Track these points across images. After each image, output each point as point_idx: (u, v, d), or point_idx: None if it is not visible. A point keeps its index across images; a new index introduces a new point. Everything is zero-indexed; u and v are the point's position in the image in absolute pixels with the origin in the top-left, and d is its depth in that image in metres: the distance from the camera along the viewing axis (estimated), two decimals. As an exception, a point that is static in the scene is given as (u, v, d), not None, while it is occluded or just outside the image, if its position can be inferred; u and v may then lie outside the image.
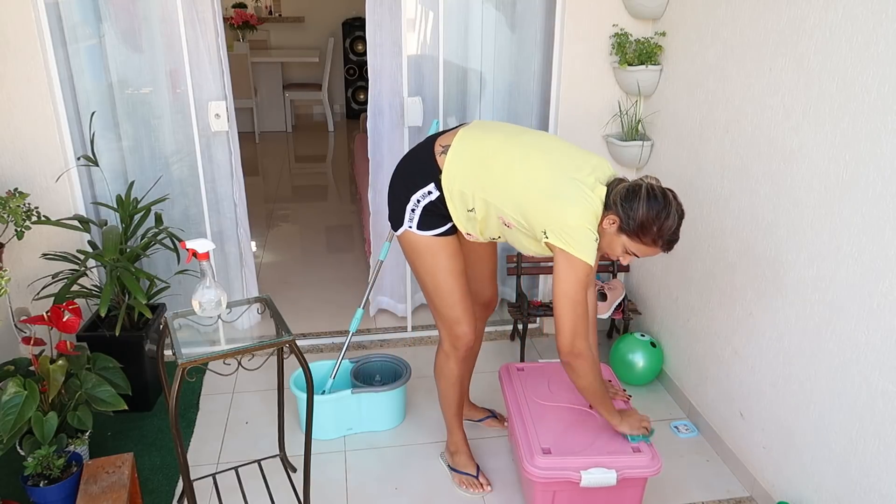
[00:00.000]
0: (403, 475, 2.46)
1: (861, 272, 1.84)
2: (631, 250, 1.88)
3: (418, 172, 2.06)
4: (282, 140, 7.35)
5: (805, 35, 2.00)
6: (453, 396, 2.35)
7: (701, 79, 2.56)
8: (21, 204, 2.60)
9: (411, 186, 2.06)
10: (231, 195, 3.12)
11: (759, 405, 2.31)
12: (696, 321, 2.70)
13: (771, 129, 2.17)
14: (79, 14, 2.76)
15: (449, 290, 2.15)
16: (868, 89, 1.77)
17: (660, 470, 2.06)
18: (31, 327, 2.65)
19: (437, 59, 2.97)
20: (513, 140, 2.00)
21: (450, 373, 2.31)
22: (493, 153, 1.98)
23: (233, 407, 2.84)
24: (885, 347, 1.77)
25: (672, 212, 1.81)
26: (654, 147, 2.96)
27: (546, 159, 1.94)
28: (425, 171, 2.04)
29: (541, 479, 2.03)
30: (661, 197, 1.81)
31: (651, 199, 1.80)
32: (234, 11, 6.81)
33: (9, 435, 2.06)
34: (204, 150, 2.99)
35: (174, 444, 1.88)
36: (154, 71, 2.89)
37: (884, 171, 1.74)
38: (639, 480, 2.08)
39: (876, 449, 1.82)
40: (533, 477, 2.03)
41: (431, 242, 2.10)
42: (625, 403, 2.30)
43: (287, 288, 3.86)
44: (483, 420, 2.71)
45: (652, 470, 2.05)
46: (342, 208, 5.34)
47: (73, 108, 2.85)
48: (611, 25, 2.92)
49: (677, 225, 1.83)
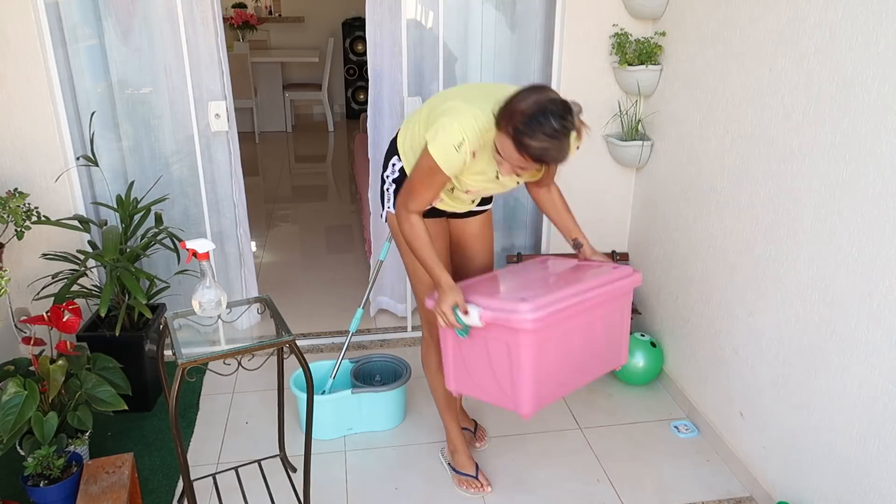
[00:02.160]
0: (403, 475, 2.46)
1: (861, 272, 1.84)
2: (504, 154, 1.76)
3: (386, 154, 2.14)
4: (282, 140, 7.35)
5: (805, 35, 2.00)
6: (442, 389, 2.31)
7: (701, 79, 2.56)
8: (21, 204, 2.60)
9: (384, 168, 2.14)
10: (231, 195, 3.12)
11: (759, 405, 2.31)
12: (696, 321, 2.70)
13: (771, 129, 2.17)
14: (79, 14, 2.76)
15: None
16: (868, 89, 1.77)
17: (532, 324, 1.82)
18: (31, 327, 2.65)
19: (438, 59, 2.97)
20: (450, 90, 2.08)
21: (431, 361, 2.31)
22: (426, 105, 2.05)
23: (233, 407, 2.84)
24: (885, 347, 1.77)
25: (545, 107, 1.66)
26: (654, 147, 2.96)
27: (467, 93, 1.98)
28: (390, 150, 2.13)
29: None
30: (543, 98, 1.68)
31: (530, 93, 1.70)
32: (234, 11, 6.81)
33: (9, 435, 2.06)
34: (204, 150, 2.99)
35: (174, 444, 1.88)
36: (154, 71, 2.89)
37: (884, 171, 1.74)
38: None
39: (876, 449, 1.82)
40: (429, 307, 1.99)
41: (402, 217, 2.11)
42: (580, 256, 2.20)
43: (287, 288, 3.86)
44: (464, 430, 2.58)
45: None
46: (342, 208, 5.34)
47: (72, 108, 2.85)
48: (611, 25, 2.92)
49: (542, 123, 1.65)
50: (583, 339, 1.98)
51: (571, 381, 2.02)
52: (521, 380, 1.86)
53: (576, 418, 2.76)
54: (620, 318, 2.10)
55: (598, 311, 1.98)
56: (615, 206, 3.22)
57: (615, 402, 2.87)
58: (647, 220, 3.08)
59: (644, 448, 2.60)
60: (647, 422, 2.75)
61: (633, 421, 2.75)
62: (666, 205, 2.88)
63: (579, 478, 2.44)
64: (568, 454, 2.56)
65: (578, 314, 1.91)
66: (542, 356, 1.86)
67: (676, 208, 2.79)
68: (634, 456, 2.55)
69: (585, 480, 2.43)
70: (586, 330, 1.98)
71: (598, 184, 3.16)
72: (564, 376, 1.98)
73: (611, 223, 3.25)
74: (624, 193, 3.20)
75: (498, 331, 1.86)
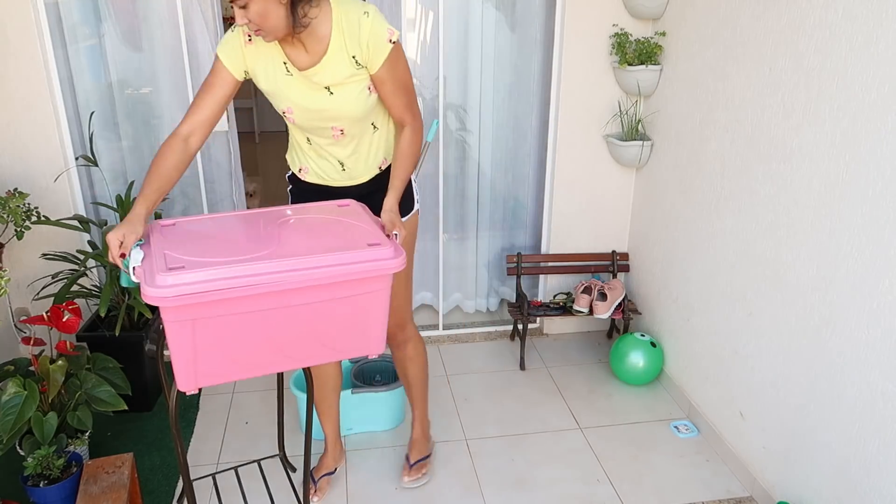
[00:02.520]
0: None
1: (861, 272, 1.84)
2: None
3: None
4: (282, 140, 7.31)
5: (805, 34, 2.00)
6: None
7: (701, 79, 2.56)
8: (21, 204, 2.60)
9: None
10: (231, 195, 3.12)
11: (759, 405, 2.31)
12: (696, 321, 2.70)
13: (771, 129, 2.17)
14: (79, 14, 2.76)
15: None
16: (868, 89, 1.77)
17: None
18: (30, 327, 2.65)
19: (438, 59, 2.97)
20: None
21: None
22: None
23: (233, 407, 2.84)
24: (885, 347, 1.77)
25: None
26: (654, 147, 2.96)
27: None
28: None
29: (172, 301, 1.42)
30: None
31: None
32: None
33: (9, 435, 2.06)
34: (204, 150, 2.99)
35: (174, 443, 1.87)
36: (154, 71, 2.90)
37: (884, 170, 1.74)
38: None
39: (876, 449, 1.82)
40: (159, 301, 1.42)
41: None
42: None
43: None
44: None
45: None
46: (342, 208, 5.33)
47: (72, 108, 2.85)
48: (611, 25, 2.92)
49: None
50: (281, 322, 1.55)
51: (269, 364, 1.63)
52: (173, 356, 1.54)
53: (576, 418, 2.76)
54: (365, 306, 1.62)
55: (311, 294, 1.53)
56: (615, 205, 3.22)
57: (615, 402, 2.87)
58: (646, 219, 3.08)
59: (644, 448, 2.60)
60: (647, 422, 2.75)
61: (633, 421, 2.75)
62: (666, 204, 2.88)
63: (579, 478, 2.44)
64: (568, 454, 2.56)
65: (265, 297, 1.48)
66: (201, 335, 1.51)
67: (676, 208, 2.79)
68: (634, 456, 2.55)
69: (585, 480, 2.43)
70: (289, 314, 1.55)
71: (598, 184, 3.17)
72: (249, 358, 1.59)
73: (611, 223, 3.25)
74: (624, 193, 3.21)
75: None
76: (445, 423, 2.72)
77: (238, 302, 1.47)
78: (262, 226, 1.73)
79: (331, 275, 1.50)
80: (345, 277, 1.52)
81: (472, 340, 3.35)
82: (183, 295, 1.41)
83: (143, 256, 1.53)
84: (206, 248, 1.57)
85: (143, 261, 1.53)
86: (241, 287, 1.44)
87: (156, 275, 1.42)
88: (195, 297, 1.42)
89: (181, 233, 1.66)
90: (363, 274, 1.54)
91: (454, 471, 2.47)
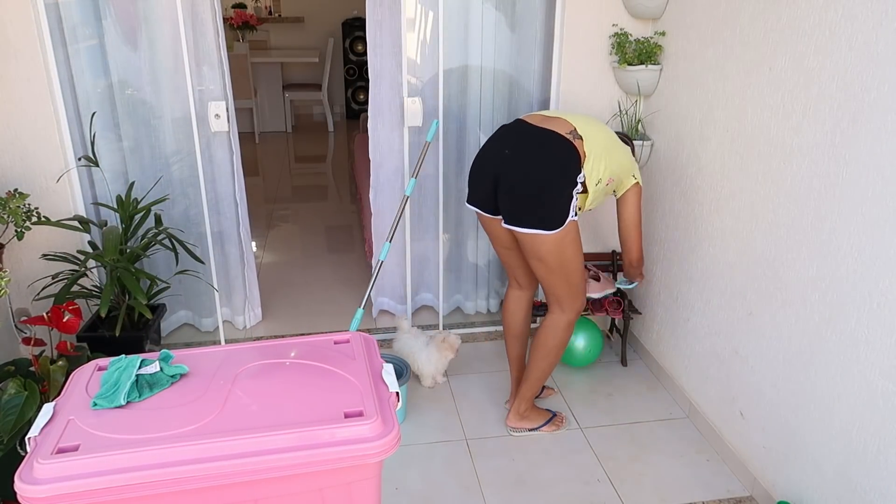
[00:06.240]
0: (403, 475, 2.45)
1: (861, 271, 1.84)
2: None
3: (570, 164, 2.22)
4: (282, 140, 7.35)
5: (805, 35, 2.00)
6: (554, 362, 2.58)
7: (701, 79, 2.56)
8: (21, 204, 2.60)
9: (571, 178, 2.22)
10: (231, 195, 3.12)
11: (759, 405, 2.32)
12: (696, 321, 2.70)
13: (771, 129, 2.17)
14: (79, 14, 2.76)
15: (581, 262, 2.40)
16: (868, 89, 1.77)
17: None
18: (31, 328, 2.65)
19: (438, 58, 2.97)
20: (585, 117, 2.38)
21: (567, 339, 2.54)
22: (597, 128, 2.32)
23: None
24: (885, 347, 1.77)
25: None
26: (654, 147, 2.96)
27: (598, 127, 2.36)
28: (574, 160, 2.22)
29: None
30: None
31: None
32: (233, 11, 6.80)
33: (9, 435, 2.06)
34: (204, 150, 2.99)
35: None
36: (154, 71, 2.90)
37: (884, 170, 1.74)
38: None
39: (876, 449, 1.82)
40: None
41: (575, 224, 2.32)
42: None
43: (287, 288, 3.86)
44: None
45: None
46: (342, 208, 5.34)
47: (73, 109, 2.85)
48: (611, 25, 2.92)
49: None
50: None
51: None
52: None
53: (576, 418, 2.76)
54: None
55: (254, 490, 1.08)
56: (615, 205, 3.22)
57: (615, 402, 2.87)
58: (646, 219, 3.08)
59: (644, 448, 2.60)
60: (647, 422, 2.75)
61: (633, 421, 2.75)
62: (666, 204, 2.88)
63: (579, 478, 2.44)
64: (568, 454, 2.56)
65: (185, 496, 1.05)
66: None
67: (676, 208, 2.79)
68: (634, 456, 2.55)
69: (585, 480, 2.43)
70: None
71: (598, 184, 3.17)
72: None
73: (611, 223, 3.25)
74: (624, 193, 3.20)
75: None
76: (445, 423, 2.72)
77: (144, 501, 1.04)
78: (214, 377, 1.31)
79: (277, 465, 1.01)
80: (298, 470, 1.04)
81: (472, 341, 3.35)
82: (62, 495, 1.03)
83: (50, 416, 1.19)
84: (129, 412, 1.19)
85: (44, 427, 1.18)
86: (143, 484, 1.01)
87: (34, 461, 1.06)
88: (78, 499, 1.03)
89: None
90: (328, 464, 1.06)
91: (454, 471, 2.47)
